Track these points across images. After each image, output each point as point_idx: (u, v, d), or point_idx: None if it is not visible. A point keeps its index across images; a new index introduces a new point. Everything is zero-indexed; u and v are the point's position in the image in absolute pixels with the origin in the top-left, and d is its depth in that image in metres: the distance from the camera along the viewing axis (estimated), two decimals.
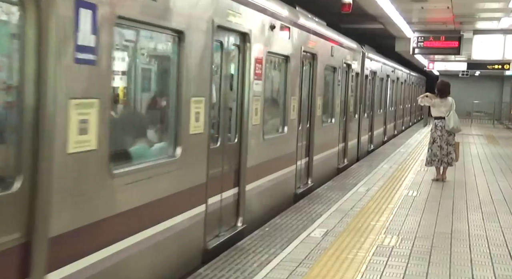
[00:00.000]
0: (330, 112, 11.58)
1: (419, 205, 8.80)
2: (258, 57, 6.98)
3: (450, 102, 10.86)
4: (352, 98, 13.40)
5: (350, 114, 13.17)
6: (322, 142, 10.69)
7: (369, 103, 16.33)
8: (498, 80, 39.64)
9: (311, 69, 9.89)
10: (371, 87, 16.41)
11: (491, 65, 25.14)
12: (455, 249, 6.43)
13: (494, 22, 16.06)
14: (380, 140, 19.03)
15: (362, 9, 13.43)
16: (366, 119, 15.79)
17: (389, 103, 20.65)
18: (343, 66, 12.15)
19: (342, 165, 12.66)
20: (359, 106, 14.49)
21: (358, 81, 14.11)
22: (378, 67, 17.26)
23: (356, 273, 5.47)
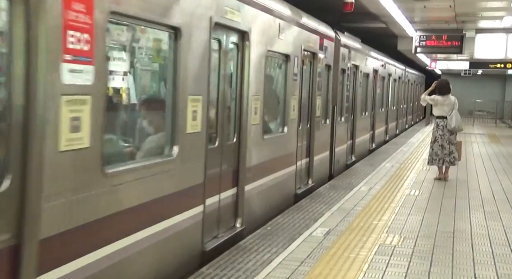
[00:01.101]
0: (279, 118, 8.34)
1: (421, 204, 8.79)
2: None
3: (453, 101, 10.86)
4: (320, 98, 10.21)
5: (317, 120, 9.98)
6: (263, 163, 7.35)
7: (348, 105, 13.11)
8: (500, 79, 39.58)
9: (239, 56, 6.59)
10: (351, 84, 13.24)
11: (493, 64, 25.11)
12: (457, 248, 6.42)
13: (497, 21, 16.03)
14: (366, 149, 15.89)
15: (364, 8, 13.41)
16: (344, 125, 12.56)
17: (378, 104, 17.75)
18: (303, 54, 8.92)
19: (304, 188, 9.36)
20: (333, 109, 11.46)
21: (330, 77, 11.02)
22: (361, 59, 14.29)
23: (358, 272, 5.46)
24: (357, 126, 14.02)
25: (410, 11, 14.60)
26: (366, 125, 15.90)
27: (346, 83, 12.52)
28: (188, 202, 5.38)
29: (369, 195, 9.25)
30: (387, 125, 20.10)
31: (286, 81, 8.33)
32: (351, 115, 13.59)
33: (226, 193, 6.34)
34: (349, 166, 13.00)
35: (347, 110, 12.97)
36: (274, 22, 7.54)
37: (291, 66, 8.36)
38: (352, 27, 14.97)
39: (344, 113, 12.51)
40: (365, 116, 15.67)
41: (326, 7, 12.26)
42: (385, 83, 19.17)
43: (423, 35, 17.42)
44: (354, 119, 13.79)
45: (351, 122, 13.55)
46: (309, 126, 9.68)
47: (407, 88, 26.20)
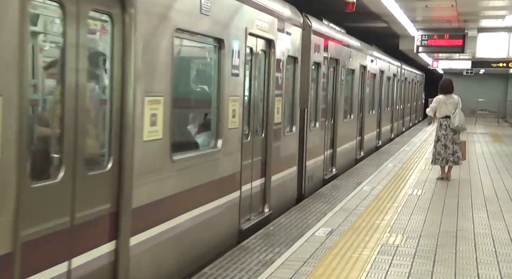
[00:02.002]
0: (212, 127, 6.23)
1: (424, 204, 8.78)
2: None
3: (456, 100, 10.85)
4: (282, 99, 7.98)
5: (276, 128, 7.77)
6: (162, 200, 5.12)
7: (327, 107, 10.82)
8: (502, 78, 39.51)
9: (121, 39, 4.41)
10: (329, 82, 10.99)
11: (496, 63, 25.08)
12: (460, 248, 6.41)
13: (499, 20, 16.01)
14: (352, 158, 13.62)
15: (366, 7, 13.39)
16: (320, 132, 10.24)
17: (368, 106, 15.55)
18: (249, 40, 6.63)
19: (255, 220, 7.18)
20: (303, 113, 9.17)
21: (296, 72, 8.78)
22: (344, 53, 11.94)
23: (361, 272, 5.45)
24: (339, 132, 11.70)
25: (412, 10, 14.58)
26: (351, 130, 13.46)
27: (322, 80, 10.17)
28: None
29: (372, 195, 9.24)
30: (379, 128, 17.89)
31: (219, 77, 5.93)
32: (331, 120, 11.31)
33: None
34: (329, 180, 10.67)
35: (324, 113, 10.52)
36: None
37: (226, 56, 5.98)
38: (354, 27, 14.96)
39: (320, 117, 10.13)
40: (350, 120, 13.27)
41: (328, 7, 12.25)
42: (377, 81, 16.77)
43: (425, 35, 17.40)
44: (335, 124, 11.47)
45: (330, 128, 11.25)
46: (264, 136, 7.42)
47: (403, 87, 24.01)
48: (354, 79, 13.37)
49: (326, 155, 10.97)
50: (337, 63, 11.50)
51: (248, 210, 7.16)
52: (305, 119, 9.25)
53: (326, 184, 10.24)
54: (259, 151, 7.33)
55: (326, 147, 10.94)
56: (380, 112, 17.82)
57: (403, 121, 25.06)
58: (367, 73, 14.96)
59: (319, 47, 9.86)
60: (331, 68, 11.10)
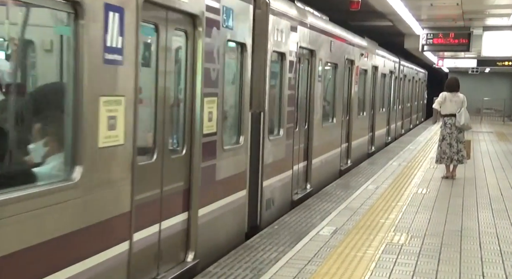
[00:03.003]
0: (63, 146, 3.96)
1: (429, 202, 8.77)
2: None
3: (462, 99, 10.84)
4: (217, 102, 5.84)
5: (207, 141, 5.63)
6: None
7: (299, 109, 8.87)
8: (508, 77, 39.39)
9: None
10: (301, 79, 8.99)
11: (501, 61, 25.01)
12: (465, 247, 6.40)
13: (504, 19, 15.96)
14: (335, 169, 11.50)
15: (370, 6, 13.39)
16: (284, 142, 8.13)
17: (357, 107, 13.35)
18: (144, 13, 4.39)
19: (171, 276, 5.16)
20: (258, 118, 7.10)
21: (245, 64, 6.57)
22: (321, 42, 9.76)
23: (366, 271, 5.45)
24: (316, 139, 9.68)
25: (417, 9, 14.56)
26: (334, 136, 11.28)
27: (289, 76, 8.12)
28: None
29: (376, 194, 9.24)
30: (372, 132, 15.74)
31: (77, 64, 3.72)
32: (305, 125, 9.31)
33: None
34: (300, 200, 8.64)
35: (292, 118, 8.45)
36: None
37: (95, 33, 3.82)
38: (359, 26, 14.95)
39: (286, 123, 8.12)
40: (333, 124, 11.11)
41: (333, 5, 12.25)
42: (369, 78, 14.65)
43: (430, 33, 17.37)
44: (310, 131, 9.44)
45: (304, 135, 9.24)
46: (187, 154, 5.29)
47: (402, 85, 21.91)
48: (337, 75, 11.17)
49: (297, 169, 8.86)
50: (312, 55, 9.29)
51: (153, 264, 4.85)
52: (261, 126, 7.12)
53: (298, 206, 8.22)
54: (175, 176, 5.11)
55: (297, 159, 8.81)
56: (374, 114, 15.66)
57: (402, 122, 22.79)
58: (355, 69, 12.67)
59: (284, 33, 7.78)
60: (303, 61, 9.02)
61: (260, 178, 7.23)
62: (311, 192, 9.36)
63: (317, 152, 9.86)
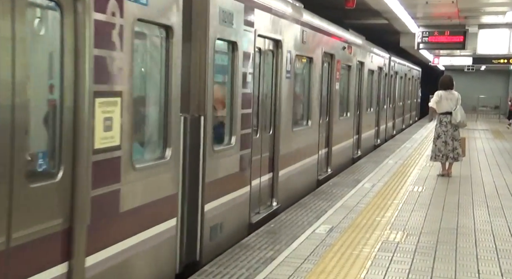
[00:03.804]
0: None
1: (425, 200, 8.78)
2: None
3: (457, 97, 10.88)
4: (117, 104, 4.25)
5: (105, 159, 4.15)
6: None
7: (251, 113, 6.99)
8: (503, 74, 39.50)
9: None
10: (263, 76, 7.51)
11: (497, 59, 25.04)
12: (461, 244, 6.41)
13: (499, 16, 15.98)
14: (312, 179, 10.06)
15: (366, 4, 13.39)
16: (234, 154, 6.57)
17: (339, 107, 11.97)
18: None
19: None
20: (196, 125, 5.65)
21: (171, 54, 5.08)
22: (285, 31, 8.06)
23: (361, 269, 5.46)
24: (284, 146, 8.19)
25: (412, 7, 14.57)
26: (309, 141, 9.76)
27: (242, 71, 6.56)
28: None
29: (372, 192, 9.25)
30: (358, 135, 14.34)
31: None
32: (269, 130, 7.86)
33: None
34: (263, 221, 7.28)
35: (248, 122, 6.84)
36: None
37: None
38: (354, 24, 14.95)
39: (239, 128, 6.56)
40: (307, 128, 9.65)
41: (329, 4, 12.25)
42: (353, 75, 13.19)
43: (425, 31, 17.39)
44: (276, 136, 7.94)
45: (268, 142, 7.80)
46: (66, 179, 3.75)
47: (393, 83, 20.62)
48: (312, 70, 9.70)
49: (259, 184, 7.41)
50: (277, 46, 7.87)
51: None
52: (201, 135, 5.62)
53: (258, 230, 6.84)
54: (43, 212, 3.58)
55: (258, 171, 7.37)
56: (360, 114, 14.32)
57: (394, 122, 21.43)
58: (335, 64, 11.22)
59: (236, 17, 6.27)
60: (265, 53, 7.57)
61: (200, 200, 5.70)
62: (277, 209, 7.87)
63: (287, 161, 8.37)
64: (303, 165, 9.47)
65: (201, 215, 5.74)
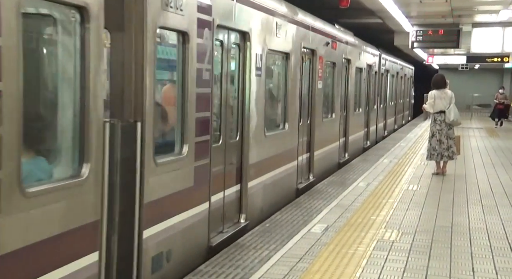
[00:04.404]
0: None
1: (419, 199, 8.81)
2: None
3: (450, 95, 10.91)
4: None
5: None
6: None
7: (209, 116, 5.94)
8: (497, 73, 39.58)
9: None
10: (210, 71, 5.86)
11: (491, 58, 25.12)
12: (456, 243, 6.43)
13: (493, 15, 16.03)
14: (291, 188, 9.06)
15: (360, 3, 13.41)
16: (192, 163, 5.55)
17: (323, 108, 11.13)
18: None
19: None
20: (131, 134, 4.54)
21: (85, 44, 3.92)
22: (253, 21, 7.10)
23: (357, 268, 5.47)
24: (254, 155, 7.27)
25: (406, 6, 14.60)
26: (286, 147, 8.75)
27: (197, 67, 5.49)
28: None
29: (367, 191, 9.27)
30: (345, 137, 13.39)
31: None
32: (236, 136, 6.91)
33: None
34: (227, 241, 6.30)
35: (204, 127, 5.76)
36: None
37: None
38: (349, 23, 14.97)
39: (192, 135, 5.49)
40: (283, 132, 8.64)
41: (323, 3, 12.27)
42: (338, 73, 12.21)
43: (419, 30, 17.42)
44: (243, 143, 6.98)
45: (234, 150, 6.83)
46: None
47: (384, 82, 19.72)
48: (289, 68, 8.71)
49: (222, 198, 6.43)
50: (244, 38, 6.89)
51: None
52: (138, 145, 4.52)
53: (219, 254, 5.92)
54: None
55: (220, 185, 6.37)
56: (347, 115, 13.38)
57: (385, 123, 20.53)
58: (317, 61, 10.25)
59: (184, 3, 5.18)
60: (228, 46, 6.53)
61: (136, 226, 4.59)
62: (246, 226, 6.90)
63: (258, 170, 7.47)
64: (279, 174, 8.38)
65: (138, 244, 4.61)
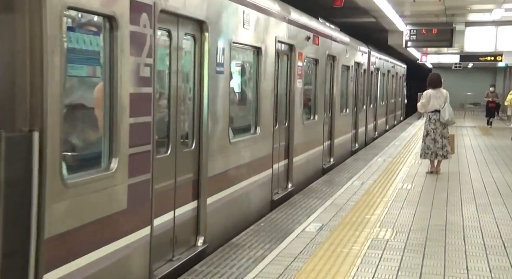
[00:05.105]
0: None
1: (414, 198, 8.83)
2: None
3: (445, 94, 10.94)
4: None
5: None
6: None
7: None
8: (490, 72, 39.73)
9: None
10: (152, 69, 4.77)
11: (484, 57, 25.21)
12: (450, 241, 6.45)
13: (486, 14, 16.08)
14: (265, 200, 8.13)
15: (354, 2, 13.43)
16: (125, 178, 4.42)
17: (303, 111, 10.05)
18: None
19: None
20: (25, 149, 3.50)
21: None
22: (209, 6, 5.94)
23: (352, 266, 5.48)
24: (217, 165, 6.31)
25: (400, 5, 14.63)
26: (258, 154, 7.69)
27: (130, 61, 4.45)
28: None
29: (362, 190, 9.28)
30: (330, 140, 12.46)
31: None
32: (192, 143, 5.81)
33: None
34: (174, 273, 5.25)
35: (143, 135, 4.69)
36: None
37: None
38: (343, 22, 14.99)
39: (125, 145, 4.39)
40: (254, 138, 7.63)
41: (317, 2, 12.27)
42: (322, 71, 11.20)
43: (413, 29, 17.46)
44: (201, 151, 5.91)
45: (191, 159, 5.80)
46: None
47: (375, 80, 18.93)
48: (261, 64, 7.73)
49: (168, 222, 5.32)
50: (201, 29, 5.82)
51: None
52: (34, 162, 3.48)
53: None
54: None
55: (167, 205, 5.30)
56: (332, 116, 12.43)
57: (375, 124, 19.66)
58: (296, 57, 9.22)
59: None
60: (179, 37, 5.40)
61: (32, 270, 3.48)
62: (204, 250, 5.84)
63: (220, 185, 6.40)
64: (249, 185, 7.41)
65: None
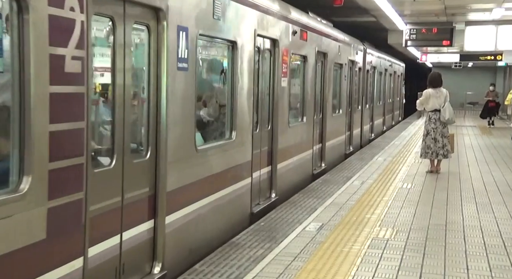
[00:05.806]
0: None
1: (414, 197, 8.83)
2: None
3: (445, 94, 10.93)
4: None
5: None
6: None
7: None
8: (490, 71, 39.72)
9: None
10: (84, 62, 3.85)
11: (484, 56, 25.19)
12: (450, 241, 6.45)
13: (486, 13, 16.08)
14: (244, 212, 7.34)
15: (354, 2, 13.42)
16: (44, 201, 3.54)
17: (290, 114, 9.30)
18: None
19: None
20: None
21: None
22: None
23: (352, 266, 5.48)
24: (180, 175, 5.44)
25: (400, 4, 14.62)
26: (234, 162, 6.88)
27: (49, 52, 3.51)
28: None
29: (362, 189, 9.28)
30: (322, 143, 11.66)
31: None
32: (147, 153, 4.91)
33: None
34: None
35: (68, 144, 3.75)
36: None
37: None
38: (343, 22, 14.98)
39: (41, 160, 3.50)
40: (228, 144, 6.74)
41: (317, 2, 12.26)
42: (311, 69, 10.33)
43: (413, 28, 17.46)
44: (158, 161, 4.99)
45: (147, 171, 4.92)
46: None
47: (371, 79, 18.13)
48: (236, 61, 6.83)
49: (113, 248, 4.43)
50: (157, 17, 4.95)
51: None
52: None
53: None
54: None
55: (105, 233, 4.32)
56: (324, 117, 11.66)
57: (372, 125, 18.87)
58: (280, 53, 8.35)
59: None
60: (124, 25, 4.47)
61: None
62: (162, 278, 4.99)
63: (184, 199, 5.51)
64: (224, 197, 6.51)
65: None
